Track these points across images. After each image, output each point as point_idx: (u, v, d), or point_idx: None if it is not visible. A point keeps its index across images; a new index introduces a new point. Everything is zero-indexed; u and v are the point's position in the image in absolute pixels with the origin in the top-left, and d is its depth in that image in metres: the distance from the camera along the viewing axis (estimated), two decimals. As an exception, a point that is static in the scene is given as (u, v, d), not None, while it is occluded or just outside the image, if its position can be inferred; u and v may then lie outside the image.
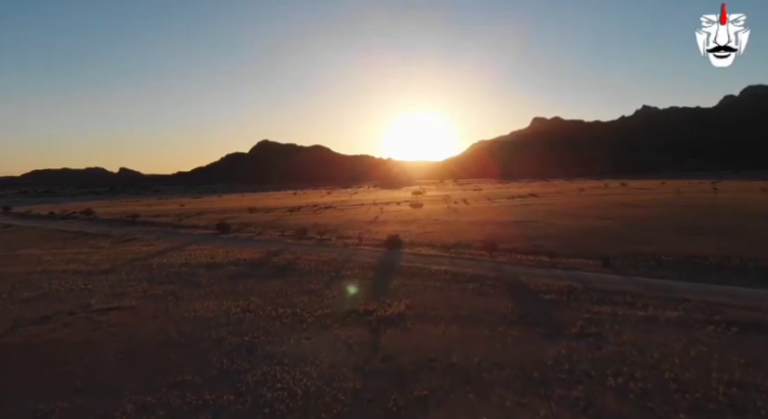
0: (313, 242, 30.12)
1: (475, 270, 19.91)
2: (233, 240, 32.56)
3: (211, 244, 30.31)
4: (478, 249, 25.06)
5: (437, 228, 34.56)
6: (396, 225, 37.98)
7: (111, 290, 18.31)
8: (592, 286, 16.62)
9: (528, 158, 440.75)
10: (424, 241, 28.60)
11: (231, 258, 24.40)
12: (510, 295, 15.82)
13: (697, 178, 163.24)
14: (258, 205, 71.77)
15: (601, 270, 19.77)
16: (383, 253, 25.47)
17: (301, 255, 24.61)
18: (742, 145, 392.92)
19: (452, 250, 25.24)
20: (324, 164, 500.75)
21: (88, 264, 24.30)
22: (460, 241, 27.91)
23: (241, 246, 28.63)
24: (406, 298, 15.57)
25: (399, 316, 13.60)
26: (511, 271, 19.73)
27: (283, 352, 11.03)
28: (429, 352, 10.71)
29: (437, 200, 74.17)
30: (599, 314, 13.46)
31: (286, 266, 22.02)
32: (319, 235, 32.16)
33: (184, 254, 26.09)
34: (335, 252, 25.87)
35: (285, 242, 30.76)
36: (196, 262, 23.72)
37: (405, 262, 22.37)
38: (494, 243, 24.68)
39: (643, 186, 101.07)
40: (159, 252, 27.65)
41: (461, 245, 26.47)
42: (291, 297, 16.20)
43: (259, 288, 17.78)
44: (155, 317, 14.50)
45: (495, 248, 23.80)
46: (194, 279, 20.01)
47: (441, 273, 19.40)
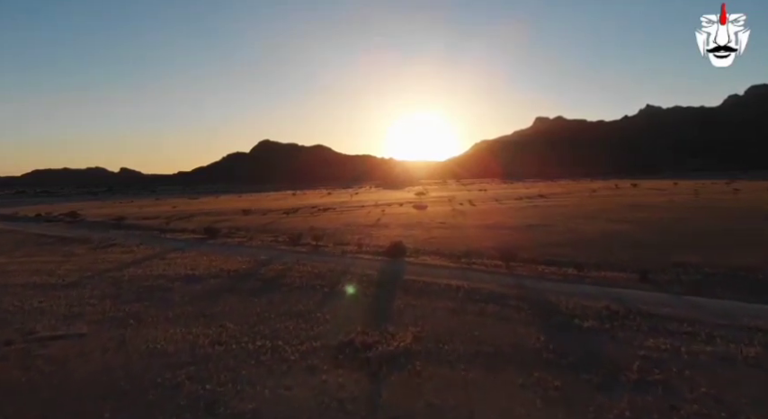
0: (308, 249, 27.39)
1: (492, 285, 17.14)
2: (220, 247, 29.85)
3: (196, 251, 27.60)
4: (492, 258, 22.29)
5: (443, 234, 31.81)
6: (398, 229, 35.24)
7: (66, 311, 15.61)
8: (636, 308, 13.85)
9: (530, 158, 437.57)
10: (431, 248, 25.86)
11: (214, 269, 21.67)
12: (540, 321, 13.06)
13: (705, 178, 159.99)
14: (254, 206, 69.07)
15: (639, 286, 17.01)
16: (385, 262, 22.73)
17: (293, 266, 21.87)
18: (747, 144, 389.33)
19: (463, 260, 22.47)
20: (325, 164, 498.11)
21: (53, 276, 21.60)
22: (471, 248, 25.15)
23: (228, 254, 25.91)
24: (414, 324, 12.83)
25: (406, 352, 10.85)
26: (534, 287, 16.96)
27: (253, 412, 8.28)
28: (446, 415, 7.97)
29: (441, 201, 71.31)
30: (657, 350, 10.70)
31: (274, 279, 19.29)
32: (315, 240, 29.43)
33: (163, 264, 23.38)
34: (332, 261, 23.13)
35: (277, 249, 28.05)
36: (174, 273, 21.00)
37: (410, 274, 19.62)
38: (510, 252, 21.90)
39: (655, 187, 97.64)
40: (136, 261, 24.94)
41: (472, 254, 23.71)
42: (275, 322, 13.46)
43: (238, 308, 15.05)
44: (105, 351, 11.78)
45: (512, 258, 21.00)
46: (167, 295, 17.30)
47: (452, 290, 16.64)
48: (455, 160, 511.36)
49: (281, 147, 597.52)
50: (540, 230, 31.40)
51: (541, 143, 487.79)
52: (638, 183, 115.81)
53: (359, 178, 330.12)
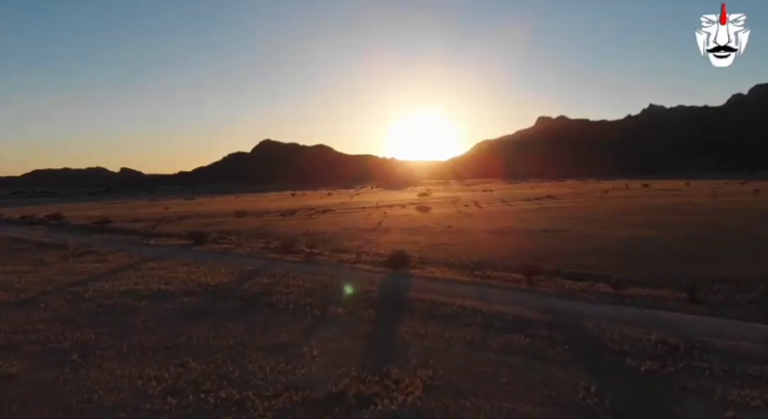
0: (301, 258, 24.69)
1: (515, 308, 14.42)
2: (205, 254, 27.19)
3: (177, 259, 24.92)
4: (509, 270, 19.56)
5: (451, 239, 29.08)
6: (401, 234, 32.52)
7: (3, 340, 12.93)
8: (699, 342, 11.13)
9: (533, 158, 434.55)
10: (438, 257, 23.16)
11: (191, 283, 18.98)
12: (582, 360, 10.34)
13: (713, 178, 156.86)
14: (250, 208, 66.31)
15: (689, 308, 14.29)
16: (387, 275, 20.03)
17: (281, 279, 19.18)
18: (751, 144, 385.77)
19: (476, 272, 19.74)
20: (326, 164, 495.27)
21: (10, 291, 18.93)
22: (483, 257, 22.45)
23: (211, 264, 23.24)
24: (423, 364, 10.14)
25: (415, 412, 8.15)
26: (566, 309, 14.22)
27: None
28: None
29: (445, 202, 68.32)
30: (746, 407, 8.00)
31: (257, 297, 16.60)
32: (310, 247, 26.76)
33: (136, 276, 20.70)
34: (326, 273, 20.43)
35: (267, 257, 25.36)
36: (144, 288, 18.32)
37: (415, 290, 16.93)
38: (530, 263, 19.17)
39: (666, 187, 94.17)
40: (108, 272, 22.28)
41: (486, 264, 21.00)
42: (249, 359, 10.78)
43: (208, 339, 12.36)
44: (23, 404, 9.10)
45: (532, 270, 18.27)
46: (129, 318, 14.62)
47: (468, 313, 13.93)
48: (457, 160, 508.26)
49: (282, 147, 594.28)
50: (557, 236, 28.65)
51: (544, 143, 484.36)
52: (649, 184, 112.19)
53: (360, 178, 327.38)
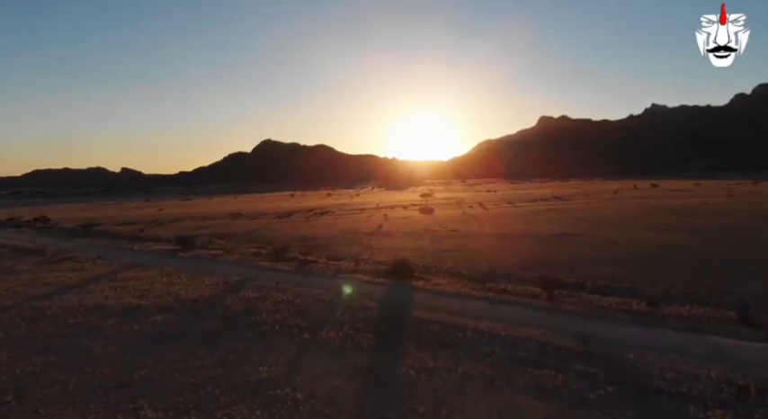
0: (293, 266, 22.55)
1: (538, 331, 12.28)
2: (191, 261, 25.09)
3: (158, 268, 22.81)
4: (526, 283, 17.41)
5: (457, 245, 26.90)
6: (403, 238, 30.34)
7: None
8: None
9: (534, 158, 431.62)
10: (444, 266, 21.01)
11: (168, 297, 16.89)
12: (632, 408, 8.21)
13: (719, 178, 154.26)
14: (246, 209, 64.01)
15: (743, 331, 12.15)
16: (388, 287, 17.90)
17: (270, 292, 17.07)
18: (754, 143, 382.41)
19: (488, 284, 17.58)
20: (327, 164, 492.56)
21: (-36, 305, 16.84)
22: (495, 266, 20.30)
23: (195, 273, 21.14)
24: (434, 414, 8.02)
25: None
26: (599, 333, 12.06)
27: None
28: None
29: (449, 203, 65.83)
30: None
31: (240, 316, 14.49)
32: (304, 254, 24.66)
33: (109, 288, 18.61)
34: (320, 285, 18.32)
35: (257, 265, 23.23)
36: (115, 303, 16.22)
37: (421, 308, 14.81)
38: (549, 273, 17.02)
39: (676, 187, 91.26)
40: (81, 283, 20.18)
41: (499, 275, 18.85)
42: (217, 405, 8.68)
43: (173, 372, 10.25)
44: None
45: (553, 283, 16.12)
46: (89, 342, 12.53)
47: (484, 338, 11.81)
48: (458, 160, 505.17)
49: (283, 147, 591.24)
50: (573, 241, 26.47)
51: (545, 142, 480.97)
52: (658, 184, 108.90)
53: (362, 178, 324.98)
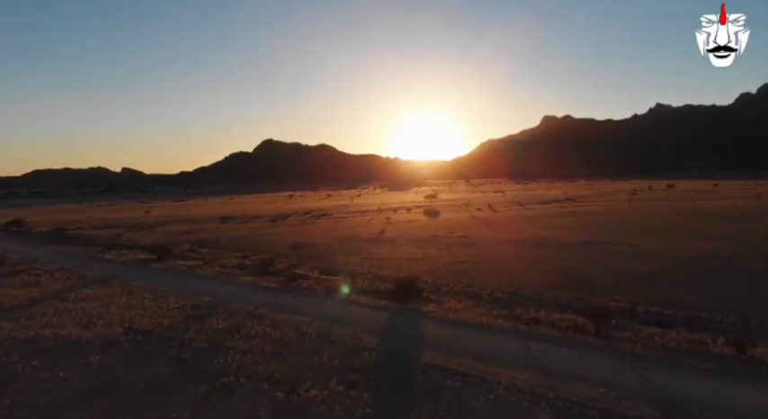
0: (279, 283, 19.14)
1: (596, 388, 8.88)
2: (163, 274, 21.78)
3: (122, 284, 19.45)
4: (562, 308, 14.02)
5: (471, 255, 23.47)
6: (408, 246, 26.93)
7: None
8: None
9: (538, 158, 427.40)
10: (458, 283, 17.62)
11: (119, 326, 13.54)
12: None
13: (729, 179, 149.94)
14: (240, 211, 60.43)
15: None
16: (390, 315, 14.51)
17: (243, 321, 13.73)
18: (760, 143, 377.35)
19: (515, 310, 14.15)
20: (329, 164, 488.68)
21: None
22: (519, 284, 16.90)
23: (162, 291, 17.81)
24: None
25: None
26: (680, 393, 8.65)
27: None
28: None
29: (455, 205, 61.75)
30: None
31: (200, 357, 11.16)
32: (293, 267, 21.30)
33: (53, 313, 15.28)
34: (307, 310, 14.94)
35: (237, 281, 19.85)
36: (51, 336, 12.90)
37: (434, 348, 11.43)
38: (597, 305, 13.63)
39: (693, 188, 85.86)
40: (23, 304, 16.87)
41: (526, 297, 15.43)
42: None
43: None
44: None
45: (601, 313, 12.71)
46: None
47: (524, 404, 8.43)
48: (461, 160, 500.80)
49: (284, 147, 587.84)
50: (603, 251, 23.04)
51: (549, 142, 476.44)
52: (673, 184, 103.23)
53: (364, 178, 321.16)
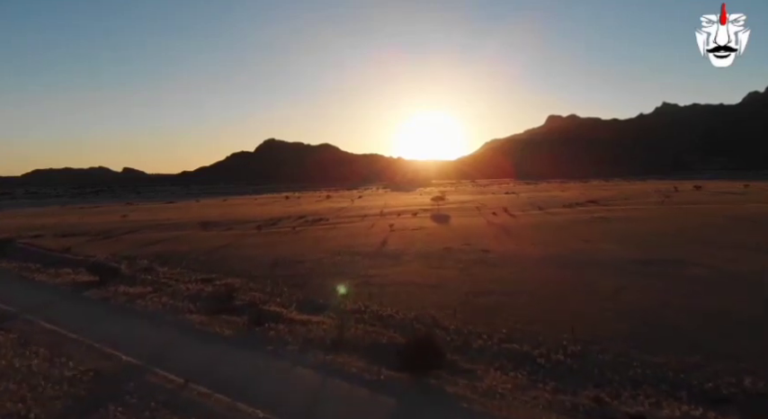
0: (237, 329, 13.64)
1: None
2: (93, 308, 16.43)
3: (23, 329, 14.06)
4: (672, 390, 8.49)
5: (499, 279, 17.86)
6: (417, 264, 21.38)
7: None
8: None
9: (543, 157, 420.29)
10: (493, 331, 12.12)
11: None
12: None
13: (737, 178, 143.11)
14: (227, 216, 54.68)
15: None
16: (396, 405, 9.01)
17: (157, 412, 8.27)
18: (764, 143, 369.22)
19: (598, 392, 8.62)
20: (333, 164, 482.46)
21: None
22: (581, 332, 11.35)
23: (69, 342, 12.48)
24: None
25: None
26: None
27: None
28: None
29: (466, 209, 55.32)
30: None
31: None
32: (263, 301, 15.80)
33: None
34: (266, 392, 9.52)
35: (181, 323, 14.39)
36: None
37: None
38: (730, 392, 8.09)
39: (724, 190, 77.65)
40: None
41: (603, 362, 9.92)
42: None
43: None
44: None
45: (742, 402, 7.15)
46: None
47: None
48: (465, 160, 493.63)
49: (286, 146, 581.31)
50: (673, 275, 17.45)
51: (554, 142, 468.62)
52: (701, 185, 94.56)
53: (367, 178, 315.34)
